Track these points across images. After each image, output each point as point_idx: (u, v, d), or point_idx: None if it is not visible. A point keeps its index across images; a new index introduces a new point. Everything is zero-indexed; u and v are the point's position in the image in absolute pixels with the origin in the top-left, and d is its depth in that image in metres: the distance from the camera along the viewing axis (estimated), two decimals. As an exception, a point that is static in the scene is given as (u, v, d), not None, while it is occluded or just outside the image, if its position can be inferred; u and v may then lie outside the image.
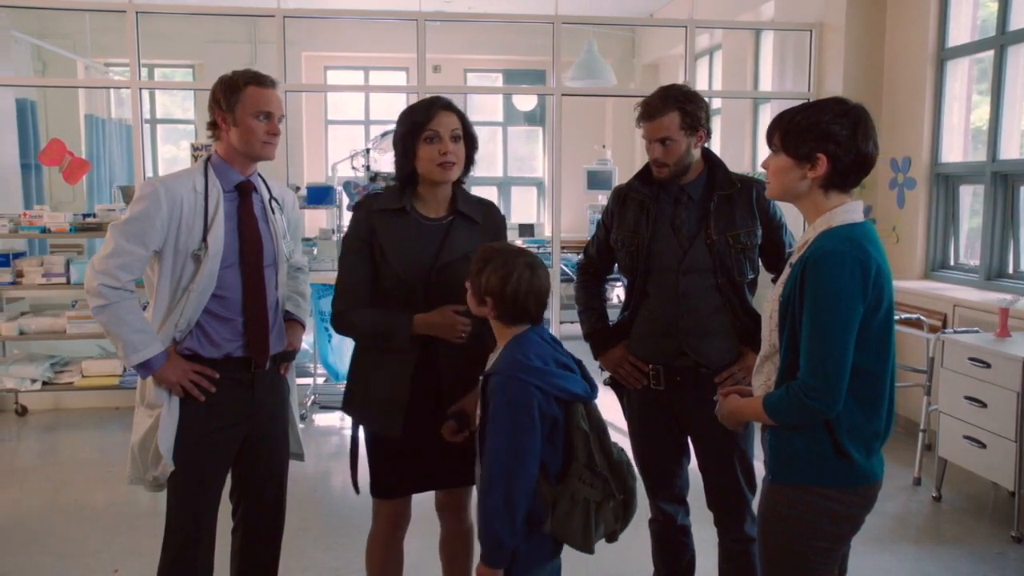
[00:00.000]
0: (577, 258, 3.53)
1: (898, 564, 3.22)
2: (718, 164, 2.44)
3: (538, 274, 1.94)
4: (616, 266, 2.58)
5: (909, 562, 3.24)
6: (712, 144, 2.50)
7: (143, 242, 2.16)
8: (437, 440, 2.19)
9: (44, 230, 4.95)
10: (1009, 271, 4.50)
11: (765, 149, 1.88)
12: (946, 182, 4.98)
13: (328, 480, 2.18)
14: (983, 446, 3.50)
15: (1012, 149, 4.49)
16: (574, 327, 2.63)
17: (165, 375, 2.19)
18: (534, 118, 10.22)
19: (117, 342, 2.17)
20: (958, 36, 4.89)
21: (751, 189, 2.39)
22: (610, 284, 5.87)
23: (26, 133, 6.41)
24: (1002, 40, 4.47)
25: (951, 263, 5.00)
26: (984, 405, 3.48)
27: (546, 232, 8.47)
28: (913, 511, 3.79)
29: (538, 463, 1.86)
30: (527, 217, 9.95)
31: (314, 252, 5.92)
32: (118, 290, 2.15)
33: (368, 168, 5.56)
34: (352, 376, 2.33)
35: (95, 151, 7.72)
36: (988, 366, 3.47)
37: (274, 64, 5.29)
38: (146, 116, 8.60)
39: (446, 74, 9.53)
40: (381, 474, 2.30)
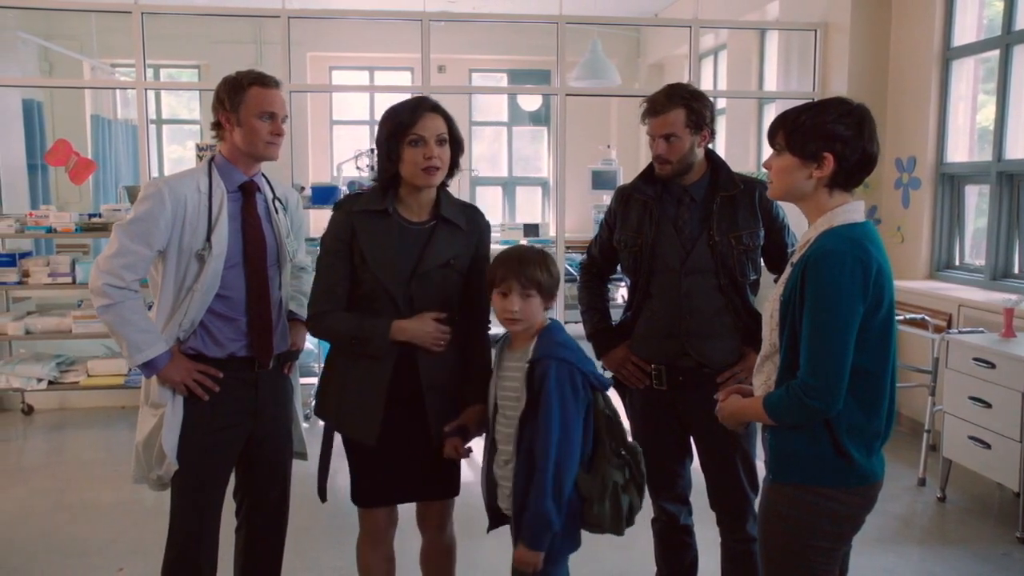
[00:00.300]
0: (581, 258, 3.53)
1: (902, 565, 3.22)
2: (721, 165, 2.44)
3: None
4: (619, 266, 2.59)
5: (913, 563, 3.24)
6: (717, 143, 2.51)
7: (147, 242, 2.17)
8: (416, 450, 2.17)
9: (50, 230, 4.97)
10: (1015, 271, 4.49)
11: (769, 149, 1.88)
12: (951, 182, 4.97)
13: (332, 480, 2.19)
14: (988, 447, 3.49)
15: (1018, 149, 4.48)
16: (577, 327, 2.63)
17: (169, 375, 2.20)
18: (539, 118, 10.22)
19: (121, 341, 2.19)
20: (964, 35, 4.88)
21: (754, 190, 2.40)
22: (615, 284, 5.88)
23: (32, 133, 6.45)
24: (1008, 40, 4.46)
25: (956, 263, 4.99)
26: (989, 406, 3.48)
27: (550, 232, 8.47)
28: (918, 512, 3.78)
29: (581, 445, 1.97)
30: (532, 217, 9.95)
31: (318, 252, 5.91)
32: (122, 290, 2.16)
33: (373, 168, 5.57)
34: (325, 380, 2.28)
35: (101, 151, 7.76)
36: (993, 367, 3.46)
37: (279, 64, 5.31)
38: (152, 116, 8.65)
39: (451, 74, 9.54)
40: (360, 482, 2.25)
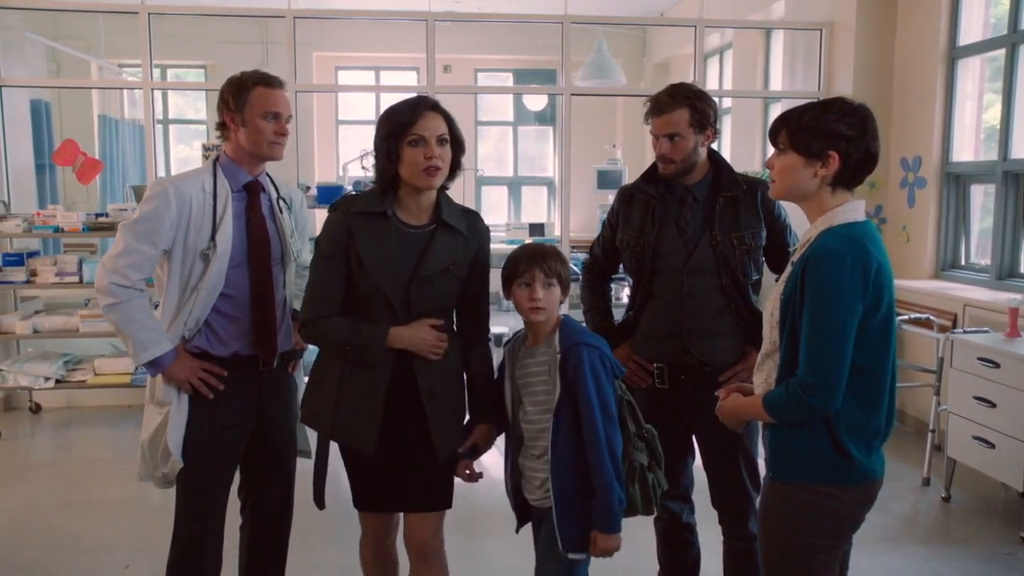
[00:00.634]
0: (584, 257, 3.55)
1: (907, 564, 3.22)
2: (724, 165, 2.45)
3: None
4: (622, 266, 2.60)
5: (918, 562, 3.23)
6: (722, 143, 2.52)
7: (153, 241, 2.19)
8: (414, 459, 2.14)
9: (57, 229, 5.00)
10: (1021, 271, 4.47)
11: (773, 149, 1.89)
12: (957, 181, 4.95)
13: (337, 478, 2.19)
14: (992, 446, 3.48)
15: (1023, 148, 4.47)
16: (580, 326, 2.65)
17: (174, 373, 2.22)
18: (545, 118, 10.23)
19: (127, 340, 2.21)
20: (969, 34, 4.86)
21: (756, 190, 2.40)
22: (620, 283, 5.88)
23: (40, 134, 6.47)
24: (1014, 39, 4.45)
25: (962, 263, 4.98)
26: (993, 405, 3.47)
27: (556, 232, 8.47)
28: (922, 511, 3.77)
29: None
30: (537, 217, 9.95)
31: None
32: (128, 288, 2.18)
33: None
34: (315, 387, 2.20)
35: (108, 151, 7.79)
36: (997, 366, 3.45)
37: (285, 64, 5.33)
38: (159, 116, 8.69)
39: (456, 74, 9.55)
40: (358, 488, 2.23)
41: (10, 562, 3.23)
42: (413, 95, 2.15)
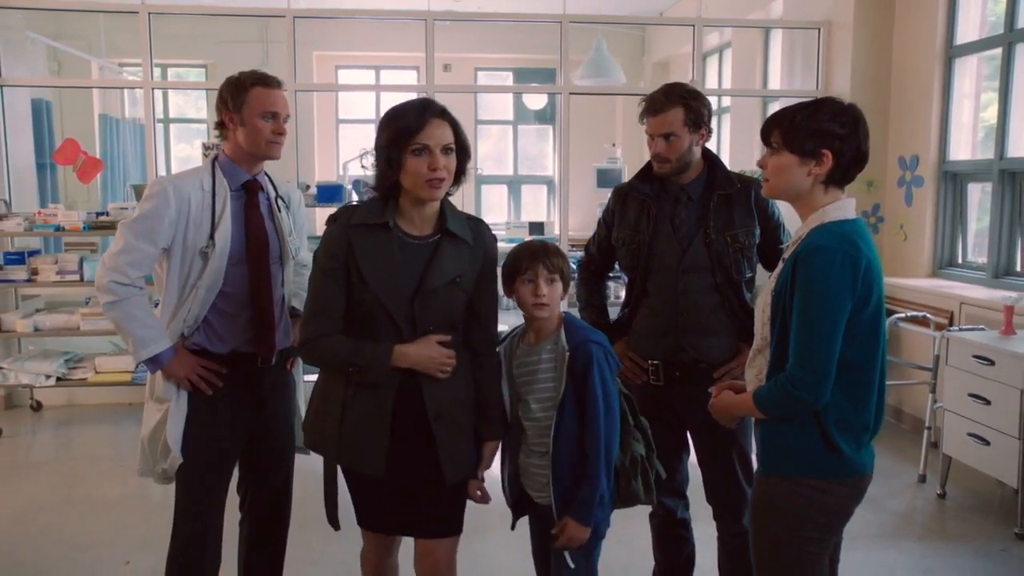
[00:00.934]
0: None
1: (902, 560, 3.24)
2: (718, 164, 2.47)
3: None
4: (617, 264, 2.62)
5: (913, 558, 3.25)
6: (721, 141, 2.54)
7: (152, 239, 2.21)
8: (422, 481, 2.04)
9: (58, 228, 5.02)
10: (1017, 269, 4.49)
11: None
12: (954, 180, 4.97)
13: (338, 475, 2.22)
14: (987, 443, 3.50)
15: (1020, 147, 4.48)
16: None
17: (173, 370, 2.24)
18: (545, 116, 10.25)
19: (127, 337, 2.23)
20: (967, 33, 4.88)
21: (750, 189, 2.42)
22: (619, 282, 5.90)
23: (41, 133, 6.49)
24: (1010, 38, 4.46)
25: (959, 261, 5.00)
26: (988, 402, 3.49)
27: (555, 230, 8.50)
28: (918, 508, 3.79)
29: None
30: (537, 215, 9.98)
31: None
32: (128, 286, 2.21)
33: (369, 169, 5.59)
34: (318, 409, 2.10)
35: (109, 150, 7.81)
36: (992, 363, 3.47)
37: (285, 64, 5.34)
38: (159, 116, 8.70)
39: (456, 73, 9.57)
40: (363, 507, 2.14)
41: (12, 558, 3.25)
42: (416, 95, 2.14)
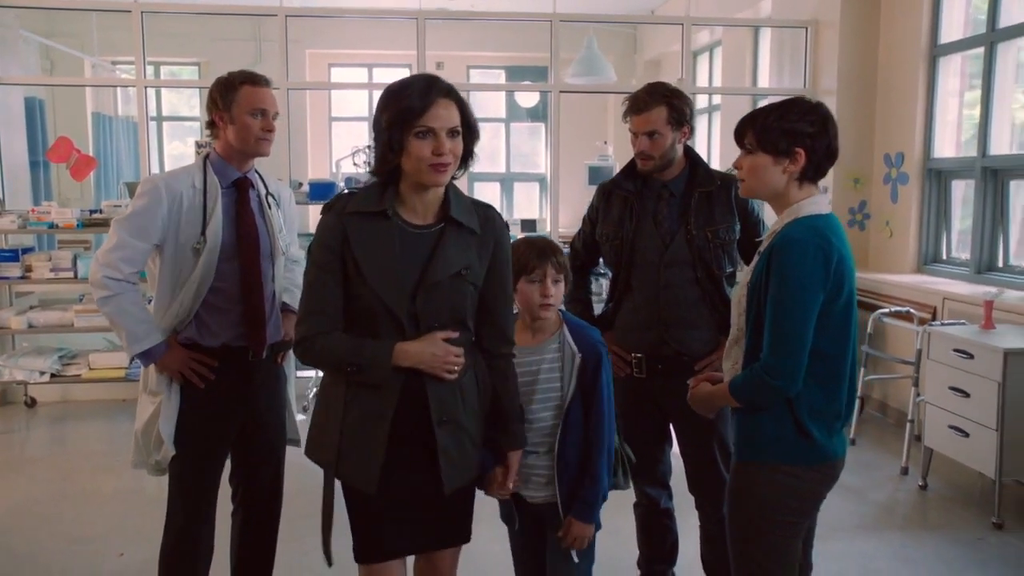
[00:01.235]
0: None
1: (882, 549, 3.30)
2: (699, 162, 2.54)
3: None
4: (601, 259, 2.67)
5: (893, 547, 3.32)
6: (712, 139, 2.60)
7: (145, 236, 2.26)
8: (424, 494, 1.89)
9: (52, 226, 5.05)
10: (999, 265, 4.57)
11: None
12: (938, 177, 5.04)
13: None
14: (967, 435, 3.57)
15: (1002, 144, 4.55)
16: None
17: (166, 363, 2.29)
18: (537, 114, 10.29)
19: (120, 331, 2.28)
20: (951, 32, 4.95)
21: (730, 186, 2.48)
22: (605, 278, 5.95)
23: (34, 131, 6.52)
24: (992, 37, 4.53)
25: (944, 257, 5.07)
26: (967, 395, 3.56)
27: (548, 227, 8.56)
28: (900, 500, 3.86)
29: None
30: (530, 213, 10.04)
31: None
32: (121, 282, 2.26)
33: (370, 164, 5.63)
34: (319, 416, 1.96)
35: (102, 148, 7.84)
36: (971, 357, 3.54)
37: (277, 62, 5.38)
38: (152, 113, 8.72)
39: (449, 70, 9.60)
40: (360, 536, 1.96)
41: (8, 551, 3.30)
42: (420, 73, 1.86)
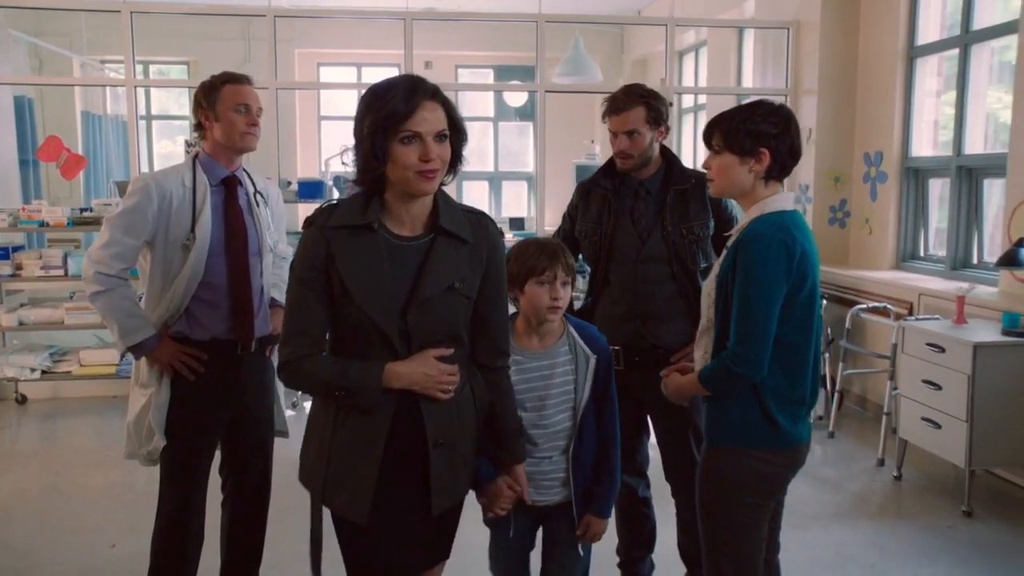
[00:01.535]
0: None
1: (855, 537, 3.39)
2: (674, 161, 2.62)
3: None
4: (580, 256, 2.76)
5: (866, 535, 3.41)
6: (698, 137, 2.69)
7: (135, 233, 2.34)
8: (416, 518, 1.80)
9: (42, 224, 5.10)
10: (974, 261, 4.67)
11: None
12: (916, 176, 5.14)
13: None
14: (939, 427, 3.67)
15: (976, 144, 4.66)
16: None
17: (157, 356, 2.37)
18: (526, 113, 10.37)
19: (112, 325, 2.35)
20: (927, 34, 5.05)
21: (704, 184, 2.56)
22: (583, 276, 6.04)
23: (24, 130, 6.55)
24: (966, 39, 4.64)
25: (921, 254, 5.17)
26: (939, 388, 3.66)
27: (535, 226, 8.64)
28: (875, 490, 3.96)
29: None
30: (518, 211, 10.12)
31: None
32: (112, 277, 2.33)
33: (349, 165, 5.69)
34: (308, 439, 1.86)
35: (91, 147, 7.86)
36: (943, 351, 3.64)
37: (266, 62, 5.44)
38: (141, 112, 8.74)
39: (438, 70, 9.67)
40: (352, 564, 1.85)
41: (2, 543, 3.35)
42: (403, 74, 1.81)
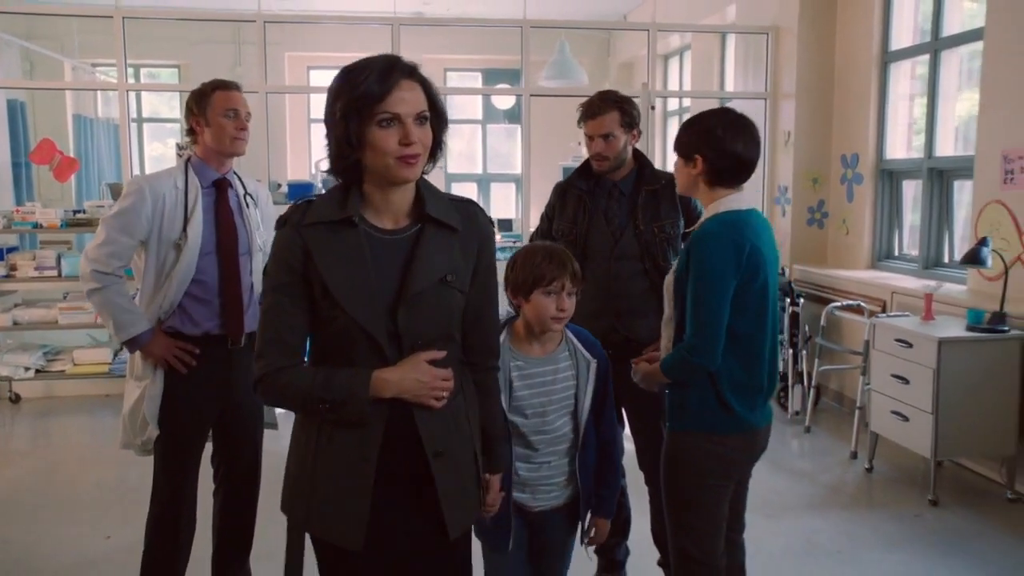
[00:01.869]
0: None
1: (827, 526, 3.52)
2: (646, 163, 2.76)
3: None
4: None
5: (837, 524, 3.54)
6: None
7: (130, 232, 2.45)
8: (419, 543, 1.65)
9: (36, 225, 5.20)
10: (945, 260, 4.82)
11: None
12: (890, 177, 5.29)
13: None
14: (906, 420, 3.81)
15: (947, 146, 4.80)
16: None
17: (151, 350, 2.48)
18: (514, 115, 10.50)
19: (108, 321, 2.47)
20: (900, 40, 5.19)
21: (674, 184, 2.68)
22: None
23: (16, 133, 6.64)
24: (936, 45, 4.78)
25: (896, 253, 5.32)
26: (907, 382, 3.79)
27: (522, 227, 8.76)
28: (847, 481, 4.10)
29: None
30: (506, 213, 10.24)
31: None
32: (108, 275, 2.45)
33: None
34: (290, 463, 1.68)
35: (83, 150, 7.95)
36: (911, 346, 3.78)
37: (256, 66, 5.54)
38: (133, 115, 8.84)
39: (426, 73, 9.70)
40: None
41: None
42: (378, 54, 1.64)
